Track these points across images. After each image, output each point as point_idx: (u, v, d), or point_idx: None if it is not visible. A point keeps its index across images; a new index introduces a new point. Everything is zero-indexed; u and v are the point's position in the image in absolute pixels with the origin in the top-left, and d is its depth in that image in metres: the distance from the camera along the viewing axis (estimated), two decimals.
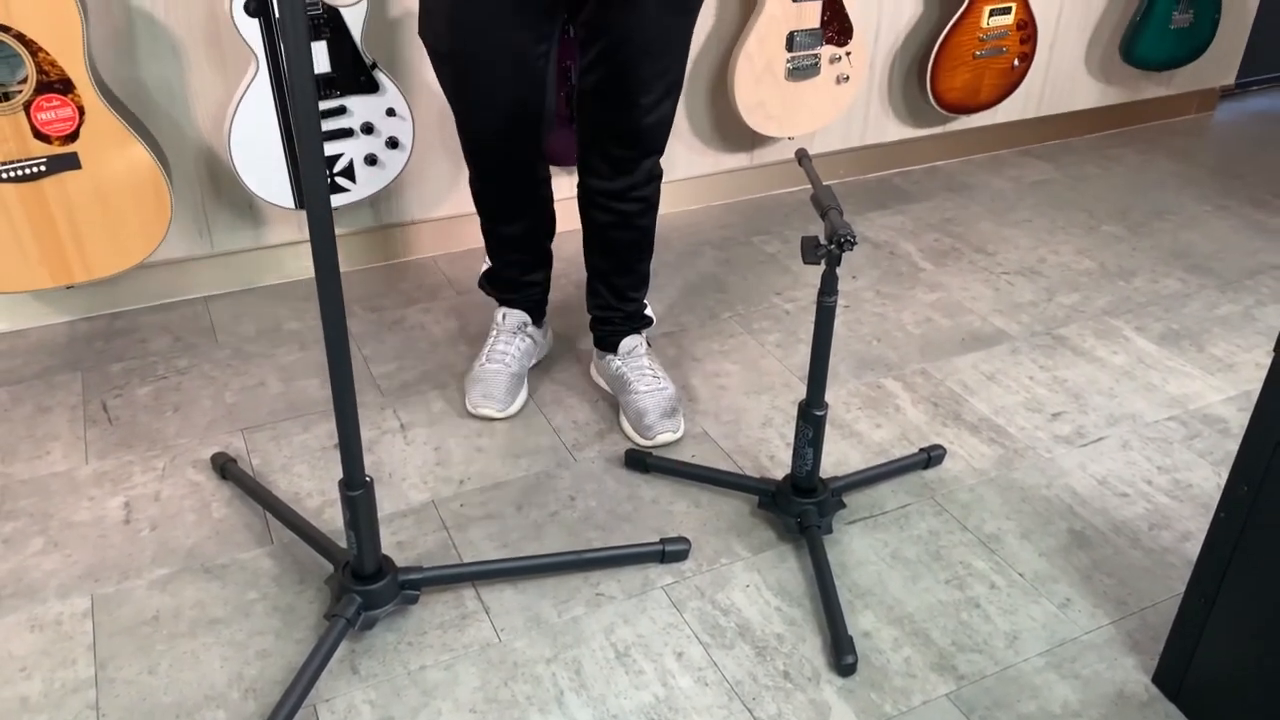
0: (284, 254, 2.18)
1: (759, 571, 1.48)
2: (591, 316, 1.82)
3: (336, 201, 2.01)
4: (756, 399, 1.85)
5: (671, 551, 1.49)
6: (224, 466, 1.63)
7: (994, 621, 1.40)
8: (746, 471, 1.68)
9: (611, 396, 1.83)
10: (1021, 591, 1.45)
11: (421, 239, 2.31)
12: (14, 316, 2.01)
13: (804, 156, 1.42)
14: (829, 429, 1.76)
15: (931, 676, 1.31)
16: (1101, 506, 1.61)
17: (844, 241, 1.23)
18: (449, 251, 2.33)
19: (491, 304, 1.91)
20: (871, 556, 1.51)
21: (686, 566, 1.49)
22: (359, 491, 1.26)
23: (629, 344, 1.80)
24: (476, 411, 1.79)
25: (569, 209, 1.84)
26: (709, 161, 2.51)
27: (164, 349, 1.97)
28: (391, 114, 1.98)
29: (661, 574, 1.47)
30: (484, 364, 1.82)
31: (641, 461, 1.66)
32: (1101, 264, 2.34)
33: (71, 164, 1.73)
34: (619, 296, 1.77)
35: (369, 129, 1.97)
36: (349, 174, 2.00)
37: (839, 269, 1.32)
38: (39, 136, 1.69)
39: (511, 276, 1.82)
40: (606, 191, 1.64)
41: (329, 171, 1.96)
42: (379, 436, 1.75)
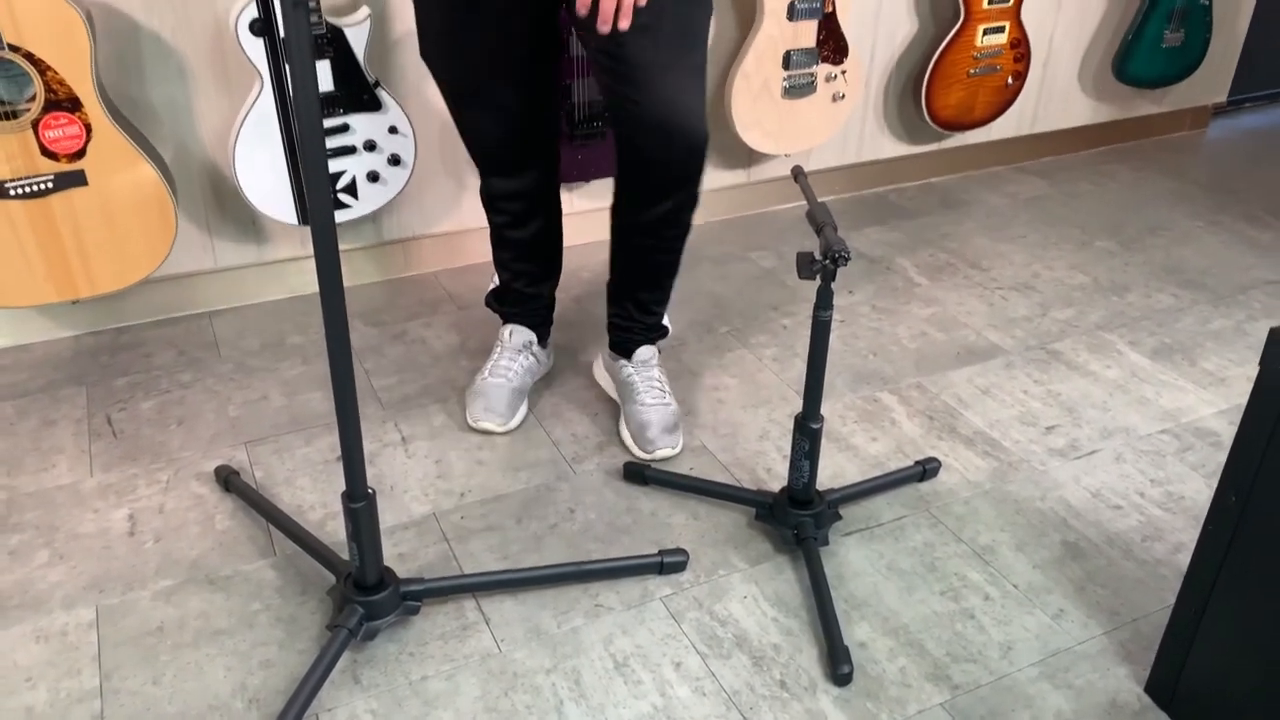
0: (287, 269, 2.21)
1: (756, 583, 1.49)
2: (610, 322, 1.84)
3: (339, 218, 2.03)
4: (754, 412, 1.87)
5: (670, 563, 1.50)
6: (227, 479, 1.65)
7: (988, 632, 1.41)
8: (744, 484, 1.69)
9: (608, 401, 1.85)
10: (1015, 602, 1.46)
11: (423, 254, 2.33)
12: (20, 331, 2.03)
13: (800, 173, 1.45)
14: (825, 442, 1.78)
15: (926, 686, 1.33)
16: (1095, 519, 1.63)
17: (838, 257, 1.26)
18: (450, 267, 2.36)
19: (494, 320, 1.93)
20: (867, 568, 1.52)
21: (684, 578, 1.50)
22: (361, 503, 1.28)
23: (644, 354, 1.81)
24: (477, 425, 1.81)
25: (569, 223, 1.86)
26: (707, 178, 2.52)
27: (168, 363, 2.00)
28: (394, 131, 2.01)
29: (660, 585, 1.49)
30: (486, 378, 1.84)
31: (640, 474, 1.68)
32: (1095, 279, 2.37)
33: (78, 181, 1.75)
34: (643, 310, 1.78)
35: (371, 146, 2.00)
36: (351, 190, 2.03)
37: (834, 284, 1.34)
38: (47, 154, 1.72)
39: (520, 289, 1.84)
40: (650, 220, 1.62)
41: (332, 188, 1.98)
42: (380, 449, 1.77)
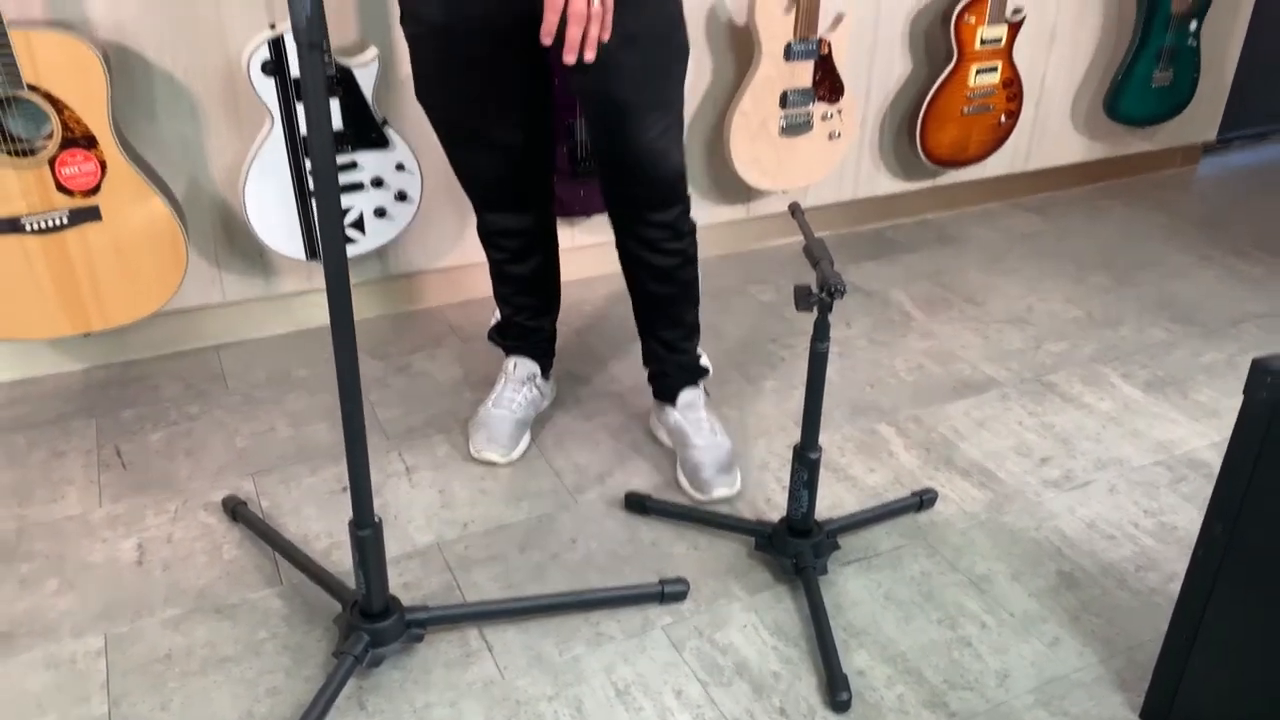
0: (293, 303, 2.24)
1: (756, 611, 1.51)
2: (648, 370, 1.86)
3: (347, 253, 2.07)
4: (754, 443, 1.90)
5: (670, 592, 1.53)
6: (235, 509, 1.67)
7: (985, 660, 1.43)
8: (744, 514, 1.72)
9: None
10: (1012, 631, 1.48)
11: (427, 288, 2.37)
12: (31, 364, 2.07)
13: (797, 209, 1.49)
14: (824, 473, 1.81)
15: (924, 713, 1.35)
16: (1090, 549, 1.65)
17: (835, 290, 1.29)
18: (454, 301, 2.40)
19: (497, 353, 1.96)
20: (865, 597, 1.54)
21: (685, 607, 1.52)
22: (368, 531, 1.31)
23: (687, 397, 1.83)
24: (480, 456, 1.84)
25: (569, 257, 1.90)
26: (706, 214, 2.58)
27: (176, 395, 2.03)
28: (400, 168, 2.05)
29: (661, 614, 1.51)
30: (490, 409, 1.87)
31: (641, 504, 1.71)
32: (1088, 313, 2.41)
33: (92, 216, 1.80)
34: (670, 348, 1.81)
35: (379, 183, 2.05)
36: (359, 226, 2.07)
37: (831, 317, 1.38)
38: (62, 190, 1.76)
39: (521, 322, 1.87)
40: (641, 247, 1.68)
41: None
42: (385, 480, 1.79)
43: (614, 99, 1.49)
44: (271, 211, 1.99)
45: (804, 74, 2.35)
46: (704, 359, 1.87)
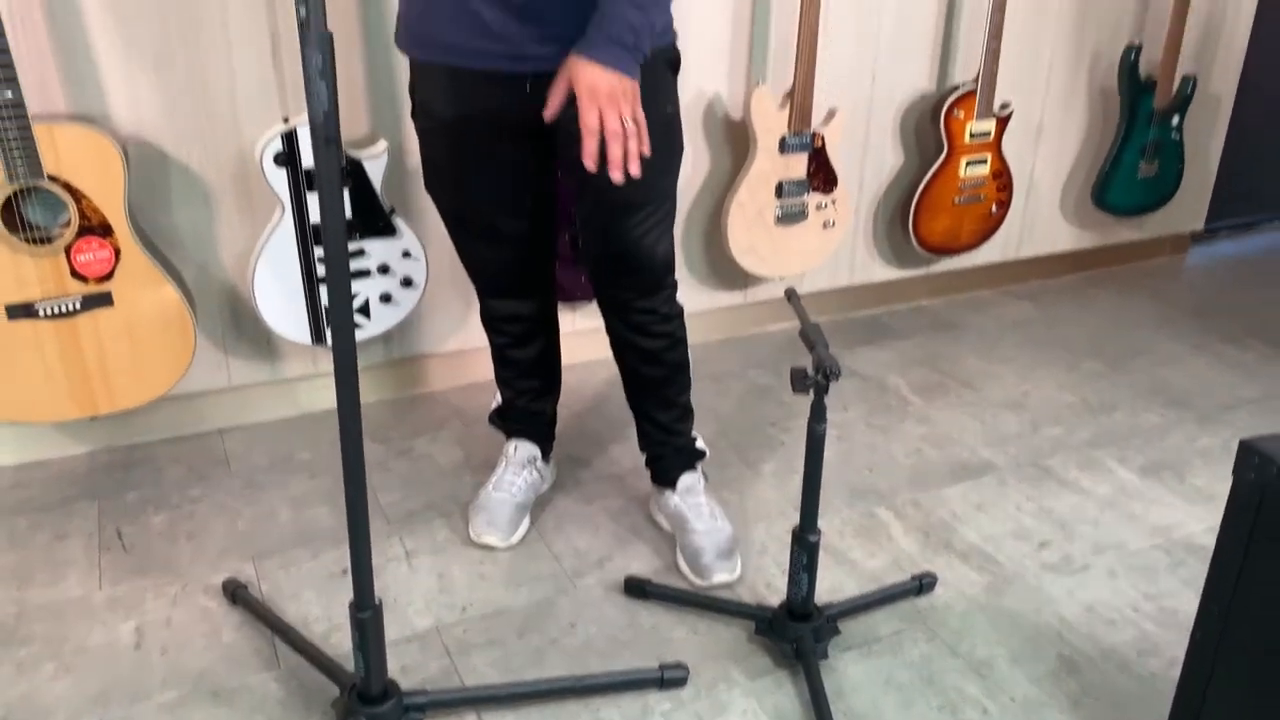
0: (298, 387, 2.27)
1: (756, 697, 1.50)
2: (645, 455, 1.88)
3: None
4: (753, 527, 1.91)
5: (670, 678, 1.52)
6: (235, 592, 1.67)
7: None
8: (743, 598, 1.72)
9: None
10: (1013, 716, 1.47)
11: (430, 372, 2.40)
12: (37, 447, 2.08)
13: (793, 295, 1.53)
14: (823, 557, 1.82)
15: None
16: (1090, 633, 1.65)
17: (830, 372, 1.32)
18: (456, 385, 2.43)
19: (497, 437, 1.98)
20: (866, 682, 1.54)
21: (685, 693, 1.51)
22: (368, 613, 1.31)
23: (686, 481, 1.85)
24: (480, 540, 1.84)
25: (569, 342, 1.94)
26: (705, 299, 2.63)
27: (179, 478, 2.04)
28: (407, 255, 2.10)
29: (660, 700, 1.50)
30: (490, 492, 1.89)
31: (641, 589, 1.71)
32: (1083, 398, 2.43)
33: (105, 302, 1.84)
34: (665, 431, 1.83)
35: (385, 269, 2.10)
36: (364, 311, 2.11)
37: (828, 400, 1.40)
38: (76, 276, 1.81)
39: (523, 405, 1.90)
40: (629, 331, 1.72)
41: None
42: (385, 564, 1.80)
43: (613, 194, 1.55)
44: (279, 297, 2.03)
45: (798, 166, 2.42)
46: (700, 442, 1.89)
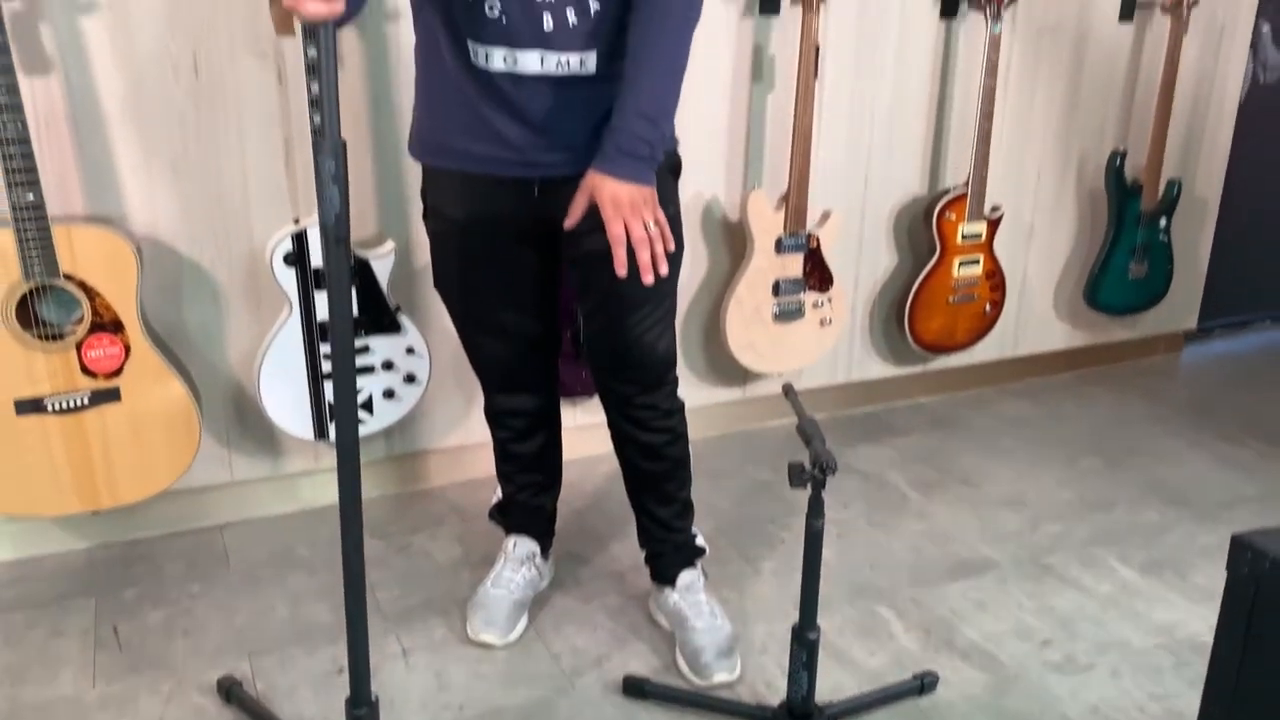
0: (300, 483, 2.28)
1: None
2: (645, 551, 1.88)
3: None
4: (753, 626, 1.89)
5: None
6: (229, 690, 1.65)
7: None
8: (743, 698, 1.70)
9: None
10: None
11: (430, 468, 2.41)
12: (35, 542, 2.09)
13: (790, 390, 1.56)
14: (824, 655, 1.80)
15: None
16: None
17: (827, 467, 1.34)
18: (456, 480, 2.43)
19: (497, 534, 1.99)
20: None
21: None
22: (364, 710, 1.30)
23: (686, 579, 1.84)
24: (477, 638, 1.83)
25: (570, 437, 1.96)
26: (704, 395, 2.66)
27: (178, 575, 2.04)
28: (410, 352, 2.14)
29: None
30: (488, 589, 1.88)
31: (640, 688, 1.69)
32: (1082, 496, 2.44)
33: (113, 397, 1.86)
34: (665, 527, 1.83)
35: (389, 366, 2.13)
36: (367, 407, 2.14)
37: (828, 497, 1.42)
38: (86, 372, 1.84)
39: (524, 500, 1.91)
40: (630, 425, 1.74)
41: None
42: (381, 662, 1.78)
43: (617, 293, 1.60)
44: (284, 393, 2.06)
45: (795, 265, 2.48)
46: (699, 539, 1.89)
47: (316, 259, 2.00)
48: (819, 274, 2.52)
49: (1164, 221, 3.03)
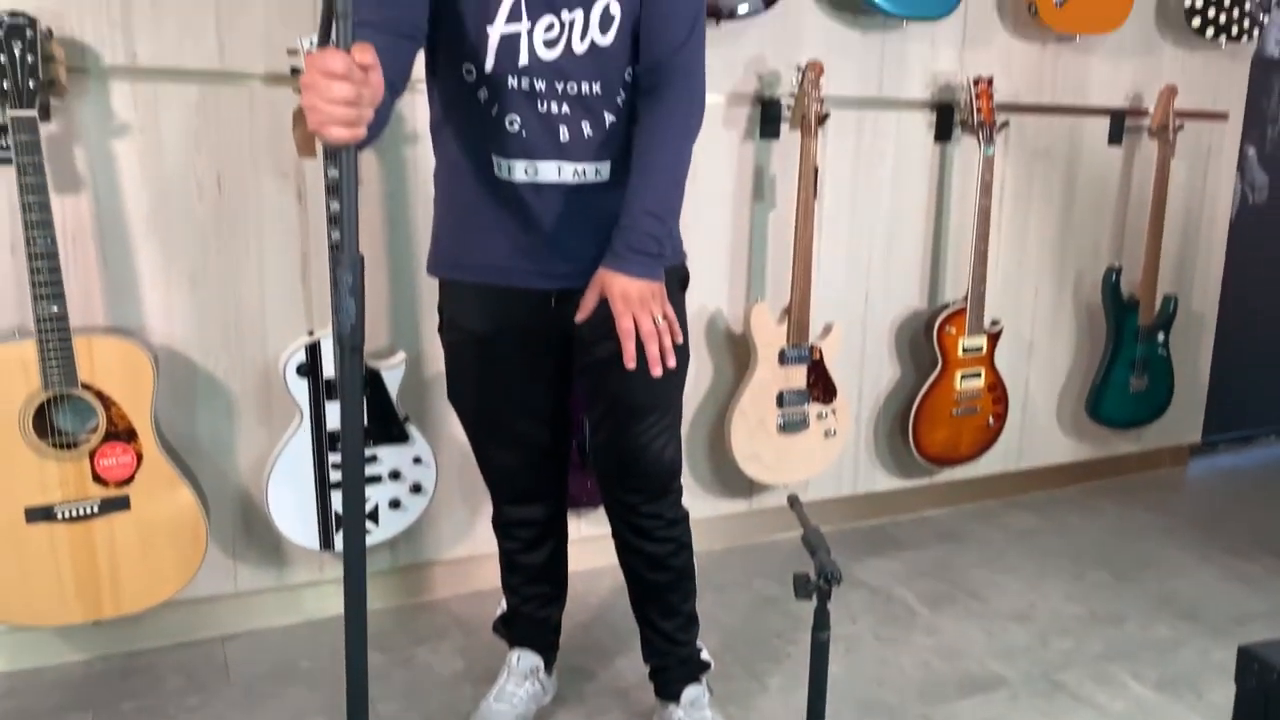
0: (304, 594, 2.27)
1: None
2: (649, 665, 1.86)
3: None
4: None
5: None
6: None
7: None
8: None
9: None
10: None
11: (435, 580, 2.40)
12: (35, 654, 2.06)
13: (795, 501, 1.56)
14: None
15: None
16: None
17: (832, 577, 1.34)
18: (460, 592, 2.42)
19: (500, 647, 1.97)
20: None
21: None
22: None
23: (690, 694, 1.82)
24: None
25: (574, 548, 1.95)
26: (709, 506, 2.66)
27: (177, 688, 2.01)
28: (418, 461, 2.16)
29: None
30: (491, 703, 1.85)
31: None
32: (1091, 610, 2.41)
33: (122, 506, 1.88)
34: (669, 640, 1.81)
35: (396, 475, 2.15)
36: (373, 517, 2.15)
37: (836, 611, 1.41)
38: (98, 480, 1.86)
39: (529, 613, 1.89)
40: (635, 535, 1.74)
41: None
42: None
43: (625, 400, 1.63)
44: (291, 502, 2.07)
45: (798, 377, 2.52)
46: (704, 653, 1.87)
47: (329, 370, 2.04)
48: (823, 386, 2.55)
49: (1162, 336, 3.07)
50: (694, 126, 1.55)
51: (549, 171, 1.52)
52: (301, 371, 2.03)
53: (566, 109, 1.50)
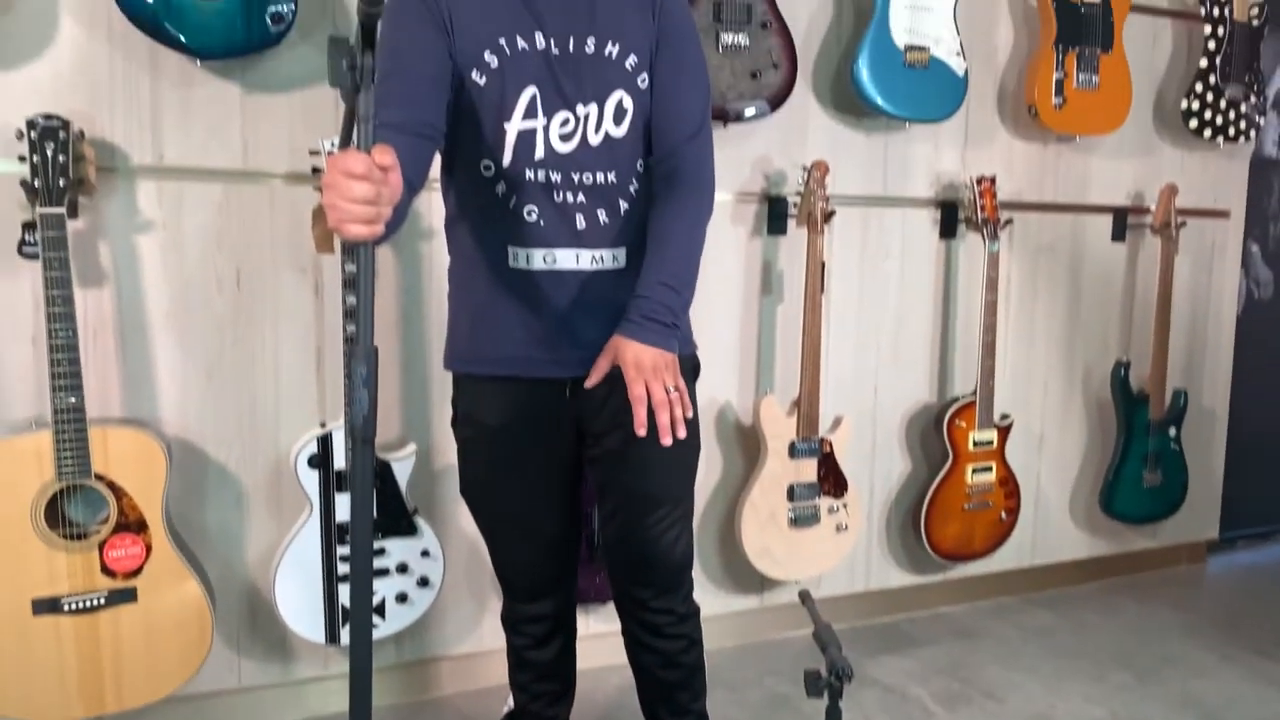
0: (308, 690, 2.23)
1: None
2: None
3: None
4: None
5: None
6: None
7: None
8: None
9: None
10: None
11: (441, 676, 2.36)
12: None
13: (806, 597, 1.55)
14: None
15: None
16: None
17: (843, 674, 1.32)
18: (466, 690, 2.37)
19: None
20: None
21: None
22: None
23: None
24: None
25: (582, 645, 1.93)
26: (720, 603, 2.62)
27: None
28: (425, 555, 2.15)
29: None
30: None
31: None
32: (1113, 713, 2.35)
33: (129, 598, 1.87)
34: None
35: (403, 568, 2.13)
36: (380, 611, 2.13)
37: (849, 710, 1.38)
38: (106, 572, 1.85)
39: (537, 711, 1.85)
40: (645, 632, 1.72)
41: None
42: None
43: (637, 493, 1.62)
44: (298, 594, 2.06)
45: (809, 470, 2.51)
46: None
47: (339, 461, 2.05)
48: (833, 479, 2.55)
49: (1174, 431, 3.06)
50: (706, 210, 1.60)
51: (567, 259, 1.56)
52: (313, 463, 2.04)
53: (583, 198, 1.55)
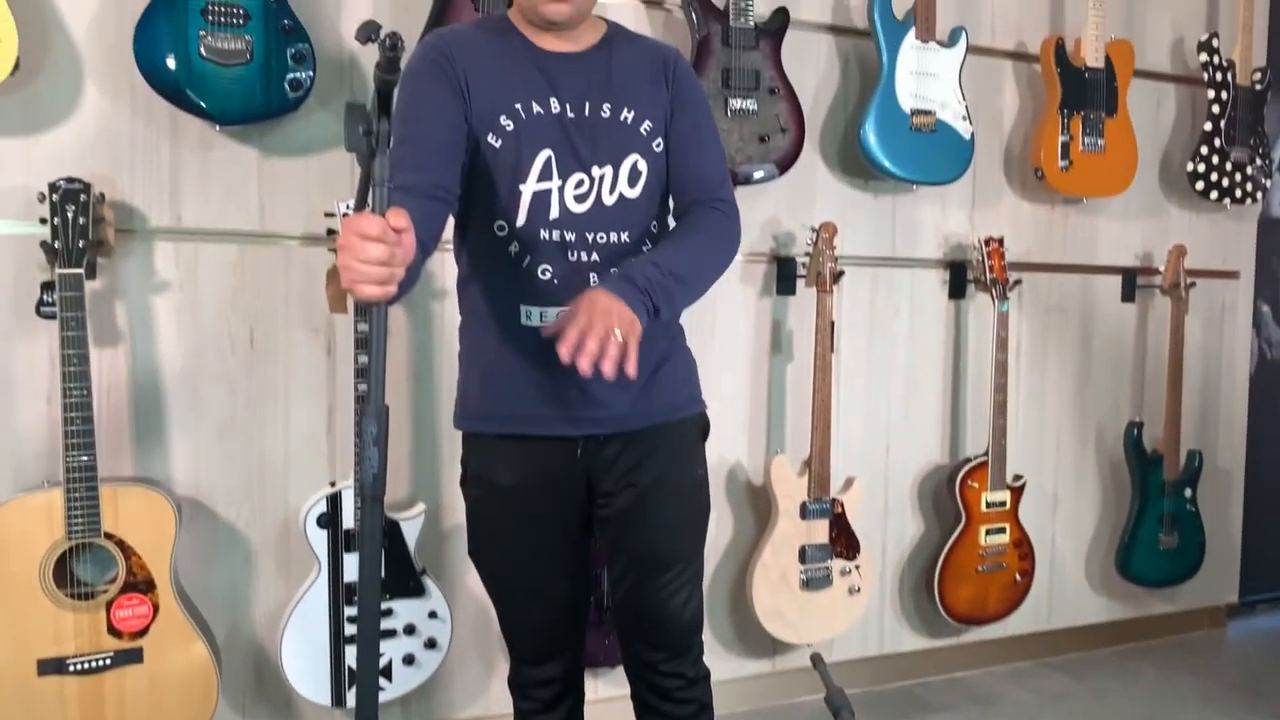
0: None
1: None
2: None
3: None
4: None
5: None
6: None
7: None
8: None
9: None
10: None
11: None
12: None
13: (818, 660, 1.53)
14: None
15: None
16: None
17: None
18: None
19: None
20: None
21: None
22: None
23: None
24: None
25: (590, 710, 1.90)
26: (731, 667, 2.58)
27: None
28: (433, 616, 2.13)
29: None
30: None
31: None
32: None
33: (135, 659, 1.86)
34: None
35: (411, 630, 2.11)
36: (386, 673, 2.10)
37: None
38: (112, 632, 1.84)
39: None
40: (655, 697, 1.69)
41: None
42: None
43: (646, 554, 1.61)
44: (305, 656, 2.04)
45: (820, 531, 2.49)
46: None
47: (348, 520, 2.04)
48: (845, 540, 2.52)
49: (1189, 492, 3.03)
50: (724, 242, 1.59)
51: None
52: (322, 522, 2.03)
53: (596, 257, 1.56)
